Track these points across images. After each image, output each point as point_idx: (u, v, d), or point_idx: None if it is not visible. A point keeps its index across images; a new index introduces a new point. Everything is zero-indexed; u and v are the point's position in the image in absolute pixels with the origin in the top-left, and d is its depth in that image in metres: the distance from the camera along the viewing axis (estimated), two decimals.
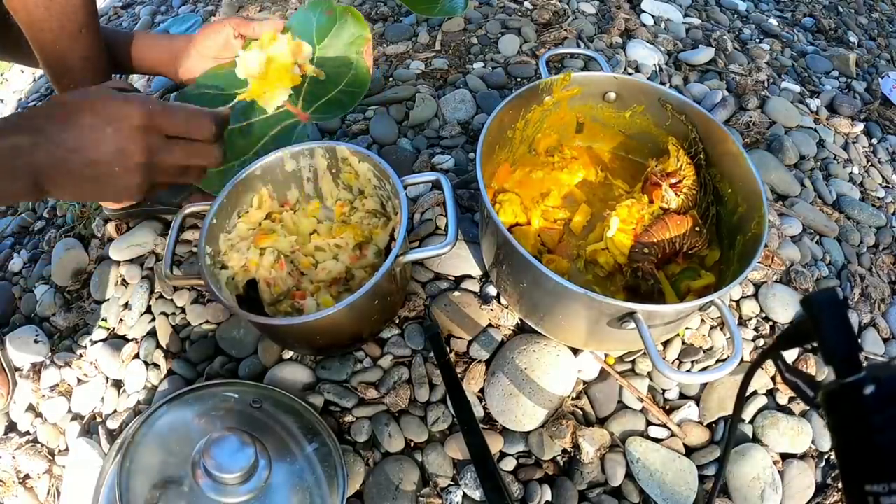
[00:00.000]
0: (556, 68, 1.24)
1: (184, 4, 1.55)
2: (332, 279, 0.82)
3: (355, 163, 0.83)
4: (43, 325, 0.96)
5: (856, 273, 1.01)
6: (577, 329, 0.77)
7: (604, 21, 1.39)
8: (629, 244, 0.83)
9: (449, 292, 0.89)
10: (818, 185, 1.12)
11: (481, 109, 1.16)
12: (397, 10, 1.40)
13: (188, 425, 0.69)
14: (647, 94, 0.90)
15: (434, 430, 0.80)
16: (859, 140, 1.25)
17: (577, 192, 0.96)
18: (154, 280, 0.95)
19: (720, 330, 0.89)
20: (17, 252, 1.09)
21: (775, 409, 0.83)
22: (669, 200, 0.86)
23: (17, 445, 0.85)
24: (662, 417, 0.81)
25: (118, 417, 0.85)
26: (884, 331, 0.95)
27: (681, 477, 0.76)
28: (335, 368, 0.83)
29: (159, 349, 0.89)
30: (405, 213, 0.73)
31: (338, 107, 0.90)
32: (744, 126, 1.17)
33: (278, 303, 0.81)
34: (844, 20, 1.64)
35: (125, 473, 0.61)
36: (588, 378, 0.84)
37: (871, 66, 1.47)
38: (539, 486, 0.76)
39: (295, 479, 0.67)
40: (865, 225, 1.09)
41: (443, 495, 0.76)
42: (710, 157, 0.88)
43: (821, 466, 0.81)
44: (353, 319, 0.76)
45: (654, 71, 1.26)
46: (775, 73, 1.34)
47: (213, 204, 0.77)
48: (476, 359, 0.84)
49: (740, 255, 0.79)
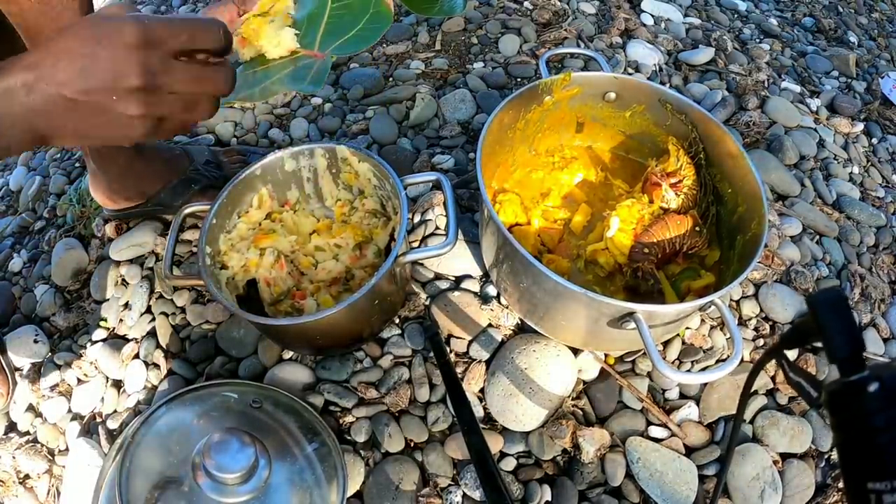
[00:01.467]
0: (556, 68, 1.24)
1: (183, 4, 1.55)
2: (333, 279, 0.82)
3: (355, 163, 0.83)
4: (43, 325, 0.96)
5: (856, 273, 1.01)
6: (577, 329, 0.77)
7: (604, 21, 1.39)
8: (629, 244, 0.83)
9: (449, 292, 0.89)
10: (818, 185, 1.12)
11: (481, 109, 1.16)
12: (397, 9, 1.40)
13: (188, 425, 0.69)
14: (647, 94, 0.90)
15: (434, 430, 0.80)
16: (859, 140, 1.25)
17: (577, 192, 0.96)
18: (154, 280, 0.95)
19: (720, 330, 0.89)
20: (17, 252, 1.09)
21: (775, 409, 0.83)
22: (669, 200, 0.86)
23: (17, 445, 0.85)
24: (662, 417, 0.81)
25: (118, 417, 0.85)
26: (884, 331, 0.95)
27: (681, 477, 0.76)
28: (335, 368, 0.83)
29: (159, 349, 0.88)
30: (405, 213, 0.73)
31: (360, 42, 0.86)
32: (744, 126, 1.17)
33: (278, 303, 0.81)
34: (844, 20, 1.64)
35: (125, 473, 0.61)
36: (588, 378, 0.84)
37: (871, 66, 1.47)
38: (539, 486, 0.76)
39: (295, 479, 0.67)
40: (865, 225, 1.09)
41: (443, 495, 0.76)
42: (710, 157, 0.88)
43: (821, 466, 0.81)
44: (353, 319, 0.76)
45: (654, 71, 1.26)
46: (775, 73, 1.34)
47: (213, 204, 0.77)
48: (476, 359, 0.84)
49: (740, 255, 0.79)
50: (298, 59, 0.86)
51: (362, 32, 0.86)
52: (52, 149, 1.21)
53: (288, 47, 0.85)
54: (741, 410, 0.50)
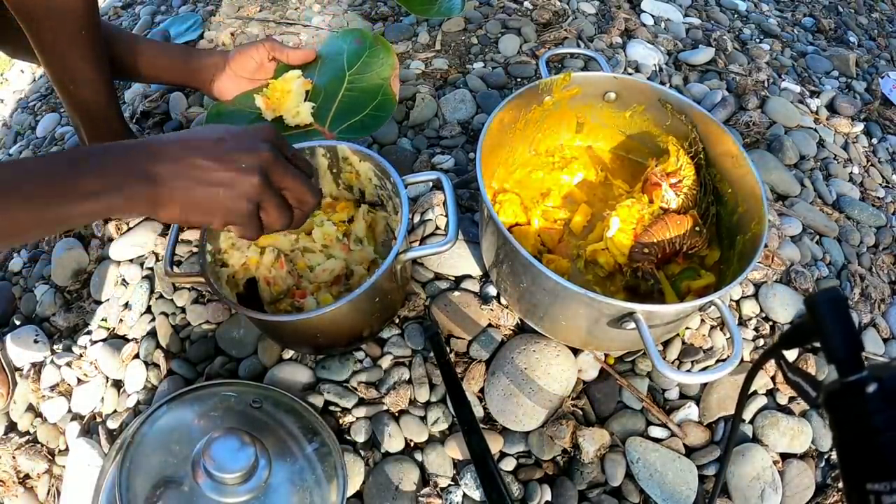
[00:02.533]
0: (556, 68, 1.24)
1: (184, 4, 1.55)
2: (335, 278, 0.83)
3: (356, 162, 0.83)
4: (43, 325, 0.96)
5: (856, 273, 1.01)
6: (577, 329, 0.77)
7: (604, 21, 1.39)
8: (629, 244, 0.83)
9: (449, 292, 0.89)
10: (818, 185, 1.12)
11: (481, 109, 1.16)
12: (397, 10, 1.40)
13: (188, 425, 0.69)
14: (647, 94, 0.90)
15: (434, 430, 0.80)
16: (859, 140, 1.25)
17: (577, 192, 0.96)
18: (154, 280, 0.95)
19: (720, 330, 0.89)
20: (17, 252, 1.09)
21: (775, 409, 0.83)
22: (669, 200, 0.86)
23: (17, 445, 0.85)
24: (662, 417, 0.81)
25: (118, 417, 0.85)
26: (884, 331, 0.95)
27: (681, 477, 0.76)
28: (335, 368, 0.83)
29: (159, 349, 0.88)
30: (405, 212, 0.73)
31: (363, 129, 0.96)
32: (744, 126, 1.17)
33: (278, 302, 0.81)
34: (844, 20, 1.64)
35: (125, 473, 0.61)
36: (588, 378, 0.84)
37: (871, 66, 1.47)
38: (539, 486, 0.76)
39: (295, 479, 0.67)
40: (865, 225, 1.09)
41: (443, 495, 0.76)
42: (710, 157, 0.88)
43: (821, 466, 0.81)
44: (353, 317, 0.76)
45: (654, 71, 1.26)
46: (775, 73, 1.34)
47: None
48: (476, 359, 0.84)
49: (740, 255, 0.79)
50: (311, 133, 0.94)
51: (367, 119, 0.97)
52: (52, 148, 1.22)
53: (304, 121, 0.94)
54: (740, 410, 0.50)
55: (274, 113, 0.98)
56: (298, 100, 0.98)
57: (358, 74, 1.01)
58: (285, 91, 0.97)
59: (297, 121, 0.97)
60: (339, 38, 1.07)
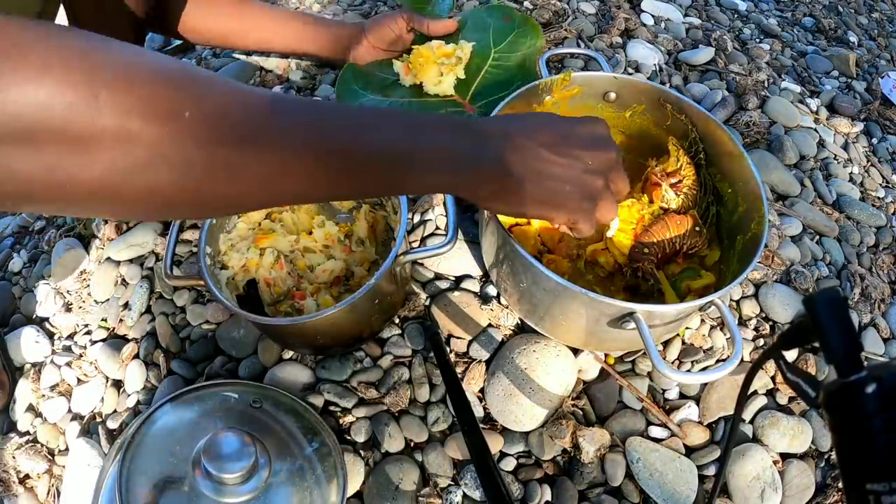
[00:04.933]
0: (556, 68, 1.24)
1: None
2: (334, 279, 0.83)
3: None
4: (43, 325, 0.96)
5: (856, 273, 1.01)
6: (577, 329, 0.77)
7: (604, 21, 1.39)
8: (629, 244, 0.83)
9: (449, 292, 0.89)
10: (818, 185, 1.12)
11: None
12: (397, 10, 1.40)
13: (188, 425, 0.69)
14: (647, 94, 0.90)
15: (434, 430, 0.80)
16: (859, 140, 1.25)
17: None
18: (154, 280, 0.95)
19: (720, 330, 0.89)
20: (17, 252, 1.09)
21: (775, 408, 0.83)
22: (669, 200, 0.86)
23: (17, 445, 0.85)
24: (662, 417, 0.81)
25: (118, 417, 0.85)
26: (884, 331, 0.95)
27: (681, 477, 0.76)
28: (335, 368, 0.83)
29: (159, 349, 0.88)
30: (405, 213, 0.73)
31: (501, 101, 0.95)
32: (744, 126, 1.17)
33: (278, 303, 0.81)
34: (844, 20, 1.64)
35: (125, 473, 0.61)
36: (588, 378, 0.84)
37: (871, 66, 1.47)
38: (539, 486, 0.76)
39: (295, 479, 0.67)
40: (865, 225, 1.09)
41: (443, 495, 0.76)
42: (710, 157, 0.88)
43: (821, 466, 0.81)
44: (352, 319, 0.76)
45: (654, 71, 1.26)
46: (775, 73, 1.34)
47: None
48: (476, 359, 0.84)
49: (740, 255, 0.79)
50: (450, 104, 0.93)
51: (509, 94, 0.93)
52: None
53: (445, 92, 0.93)
54: (739, 410, 0.50)
55: (414, 79, 0.97)
56: (442, 69, 0.96)
57: (505, 52, 1.00)
58: (429, 58, 0.96)
59: (437, 90, 0.95)
60: (482, 11, 1.06)
